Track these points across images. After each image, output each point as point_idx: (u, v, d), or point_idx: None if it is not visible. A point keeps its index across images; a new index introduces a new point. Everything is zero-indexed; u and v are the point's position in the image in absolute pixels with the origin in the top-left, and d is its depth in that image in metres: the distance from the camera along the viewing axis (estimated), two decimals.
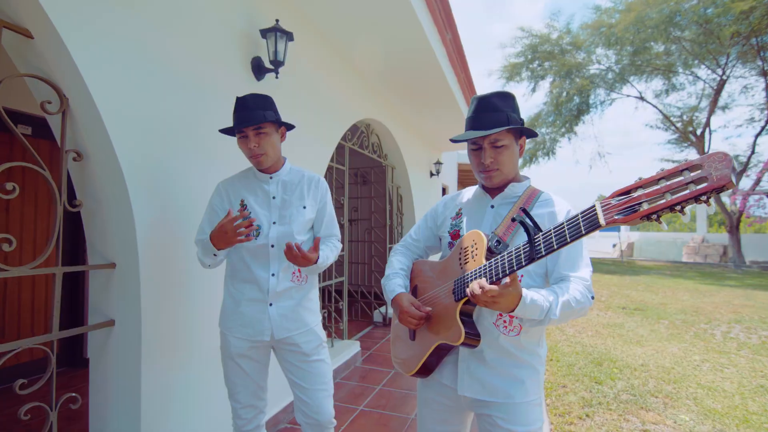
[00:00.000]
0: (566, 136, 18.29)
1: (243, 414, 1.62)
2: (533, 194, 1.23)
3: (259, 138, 1.54)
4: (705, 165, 0.72)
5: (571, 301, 1.07)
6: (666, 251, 18.23)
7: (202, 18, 2.00)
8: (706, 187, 0.71)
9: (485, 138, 1.19)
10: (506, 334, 1.17)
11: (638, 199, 0.80)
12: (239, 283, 1.60)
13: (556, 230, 0.93)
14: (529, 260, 0.96)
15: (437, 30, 3.46)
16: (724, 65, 14.11)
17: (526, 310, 1.03)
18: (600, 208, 0.86)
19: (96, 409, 1.72)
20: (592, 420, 2.77)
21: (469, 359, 1.20)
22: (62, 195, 1.49)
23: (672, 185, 0.76)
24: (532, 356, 1.20)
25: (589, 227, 0.87)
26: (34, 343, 1.41)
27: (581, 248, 1.17)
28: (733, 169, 0.70)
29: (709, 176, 0.71)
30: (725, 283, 10.03)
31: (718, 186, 0.70)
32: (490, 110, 1.19)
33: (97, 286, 1.72)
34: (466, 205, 1.34)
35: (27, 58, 1.47)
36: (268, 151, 1.56)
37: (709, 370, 3.86)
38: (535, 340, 1.21)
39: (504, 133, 1.19)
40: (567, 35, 16.69)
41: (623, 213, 0.82)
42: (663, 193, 0.77)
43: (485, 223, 1.24)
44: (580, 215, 0.89)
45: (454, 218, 1.34)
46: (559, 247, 0.91)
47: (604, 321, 5.79)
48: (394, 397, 3.08)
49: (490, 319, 1.18)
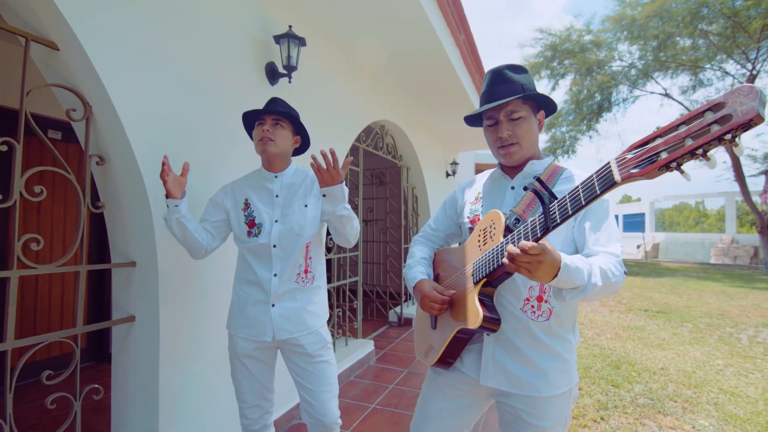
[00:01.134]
0: (587, 134, 17.92)
1: (249, 414, 1.66)
2: (556, 171, 1.15)
3: (274, 127, 1.60)
4: (729, 102, 0.65)
5: (608, 272, 0.98)
6: (693, 252, 17.63)
7: (217, 25, 2.08)
8: (730, 125, 0.64)
9: (501, 110, 1.13)
10: (535, 320, 1.10)
11: (656, 148, 0.73)
12: (245, 284, 1.63)
13: (571, 194, 0.85)
14: (545, 230, 0.89)
15: (450, 31, 3.47)
16: (754, 60, 13.54)
17: (570, 273, 0.92)
18: (615, 163, 0.78)
19: (117, 400, 1.81)
20: (607, 423, 2.74)
21: (495, 348, 1.14)
22: (86, 197, 1.58)
23: (692, 128, 0.69)
24: (563, 343, 1.13)
25: (604, 186, 0.79)
26: (60, 337, 1.50)
27: (609, 223, 1.09)
28: (761, 101, 0.62)
29: (734, 112, 0.64)
30: (755, 285, 9.65)
31: (744, 121, 0.63)
32: (504, 81, 1.14)
33: (119, 283, 1.81)
34: (485, 188, 1.28)
35: (53, 68, 1.56)
36: (277, 140, 1.60)
37: (732, 374, 3.74)
38: (568, 325, 1.14)
39: (520, 104, 1.12)
40: (588, 34, 16.36)
41: (640, 165, 0.74)
42: (683, 138, 0.69)
43: (506, 204, 1.17)
44: (594, 174, 0.82)
45: (473, 203, 1.28)
46: (574, 212, 0.84)
47: (624, 323, 5.67)
48: (406, 396, 3.11)
49: (516, 305, 1.11)
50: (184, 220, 1.54)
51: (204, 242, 1.61)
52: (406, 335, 4.85)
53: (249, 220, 1.63)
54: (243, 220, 1.63)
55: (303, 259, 1.62)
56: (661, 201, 22.15)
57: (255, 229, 1.60)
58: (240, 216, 1.65)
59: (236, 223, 1.66)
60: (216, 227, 1.67)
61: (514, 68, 1.17)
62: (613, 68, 16.23)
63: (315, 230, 1.64)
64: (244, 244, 1.62)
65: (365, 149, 4.27)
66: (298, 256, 1.60)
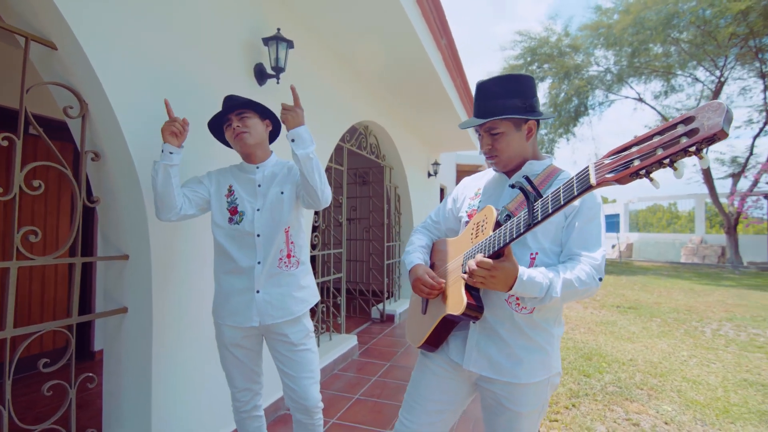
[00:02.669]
0: (564, 137, 18.44)
1: (240, 397, 1.74)
2: (553, 172, 1.21)
3: (242, 120, 1.65)
4: (699, 116, 0.70)
5: (574, 281, 1.05)
6: (665, 252, 18.30)
7: (209, 27, 2.15)
8: (695, 138, 0.69)
9: (482, 126, 1.21)
10: (519, 311, 1.15)
11: (630, 155, 0.78)
12: (226, 275, 1.66)
13: (553, 194, 0.91)
14: (527, 226, 0.94)
15: (432, 36, 3.60)
16: (722, 67, 14.22)
17: (524, 286, 1.01)
18: (593, 167, 0.84)
19: (109, 390, 1.86)
20: (578, 410, 2.90)
21: (479, 335, 1.20)
22: (82, 192, 1.63)
23: (665, 139, 0.74)
24: (545, 335, 1.18)
25: (581, 188, 0.85)
26: (56, 326, 1.55)
27: (597, 226, 1.14)
28: (726, 118, 0.66)
29: (701, 126, 0.69)
30: (721, 283, 10.13)
31: (708, 135, 0.67)
32: (487, 98, 1.20)
33: (111, 276, 1.87)
34: (486, 185, 1.34)
35: (51, 67, 1.61)
36: (250, 130, 1.65)
37: (695, 364, 3.99)
38: (551, 317, 1.20)
39: (499, 121, 1.18)
40: (566, 38, 16.84)
41: (615, 171, 0.80)
42: (655, 148, 0.74)
43: (502, 201, 1.23)
44: (574, 177, 0.88)
45: (472, 198, 1.35)
46: (554, 211, 0.90)
47: (597, 319, 5.92)
48: (389, 387, 3.22)
49: (502, 296, 1.16)
50: (172, 171, 1.56)
51: (179, 203, 1.60)
52: (388, 331, 4.97)
53: (231, 207, 1.67)
54: (225, 206, 1.67)
55: (284, 243, 1.67)
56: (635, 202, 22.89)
57: (237, 216, 1.65)
58: (222, 202, 1.69)
59: (217, 208, 1.69)
60: (195, 196, 1.68)
61: (499, 82, 1.20)
62: (589, 73, 16.75)
63: (291, 211, 1.68)
64: (224, 229, 1.66)
65: (349, 149, 4.37)
66: (279, 241, 1.65)
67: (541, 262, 1.15)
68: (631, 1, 14.25)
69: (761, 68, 13.53)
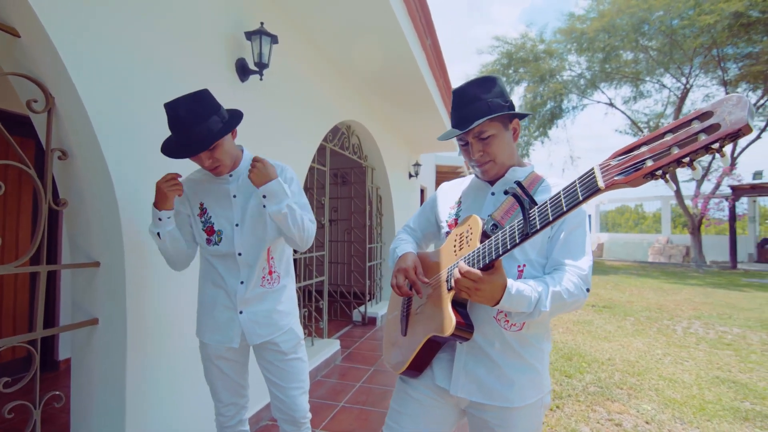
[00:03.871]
0: (540, 139, 18.84)
1: (225, 412, 1.64)
2: (535, 180, 1.14)
3: (211, 153, 1.41)
4: (717, 111, 0.64)
5: (563, 293, 0.98)
6: (633, 252, 18.93)
7: (188, 19, 2.02)
8: (719, 134, 0.63)
9: (469, 133, 1.10)
10: (508, 329, 1.07)
11: (641, 156, 0.71)
12: (211, 287, 1.57)
13: (552, 200, 0.83)
14: (524, 236, 0.86)
15: (418, 36, 3.55)
16: (687, 74, 14.82)
17: (512, 301, 0.93)
18: (599, 169, 0.76)
19: (78, 407, 1.72)
20: (562, 411, 2.92)
21: (467, 357, 1.11)
22: (47, 194, 1.49)
23: (679, 137, 0.67)
24: (536, 352, 1.11)
25: (587, 192, 0.76)
26: (19, 341, 1.41)
27: (583, 235, 1.07)
28: (750, 111, 0.61)
29: (723, 122, 0.63)
30: (687, 282, 10.54)
31: (733, 131, 0.61)
32: (468, 102, 1.11)
33: (80, 284, 1.72)
34: (465, 193, 1.26)
35: (13, 56, 1.47)
36: (224, 161, 1.45)
37: (670, 363, 4.09)
38: (541, 332, 1.13)
39: (487, 123, 1.09)
40: (541, 43, 17.21)
41: (625, 172, 0.72)
42: (669, 147, 0.68)
43: (485, 210, 1.14)
44: (577, 181, 0.79)
45: (452, 207, 1.26)
46: (555, 218, 0.82)
47: (574, 318, 6.02)
48: (374, 394, 3.15)
49: (490, 313, 1.08)
50: (176, 233, 1.48)
51: (191, 251, 1.56)
52: (370, 334, 4.90)
53: (207, 227, 1.53)
54: (201, 227, 1.54)
55: (266, 261, 1.56)
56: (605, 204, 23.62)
57: (215, 236, 1.52)
58: (197, 222, 1.56)
59: (196, 230, 1.57)
60: (190, 231, 1.58)
61: (478, 84, 1.13)
62: (564, 77, 17.17)
63: (275, 227, 1.53)
64: (205, 251, 1.57)
65: (332, 148, 4.27)
66: (262, 260, 1.55)
67: (528, 274, 1.08)
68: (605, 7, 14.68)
69: (723, 77, 14.19)
